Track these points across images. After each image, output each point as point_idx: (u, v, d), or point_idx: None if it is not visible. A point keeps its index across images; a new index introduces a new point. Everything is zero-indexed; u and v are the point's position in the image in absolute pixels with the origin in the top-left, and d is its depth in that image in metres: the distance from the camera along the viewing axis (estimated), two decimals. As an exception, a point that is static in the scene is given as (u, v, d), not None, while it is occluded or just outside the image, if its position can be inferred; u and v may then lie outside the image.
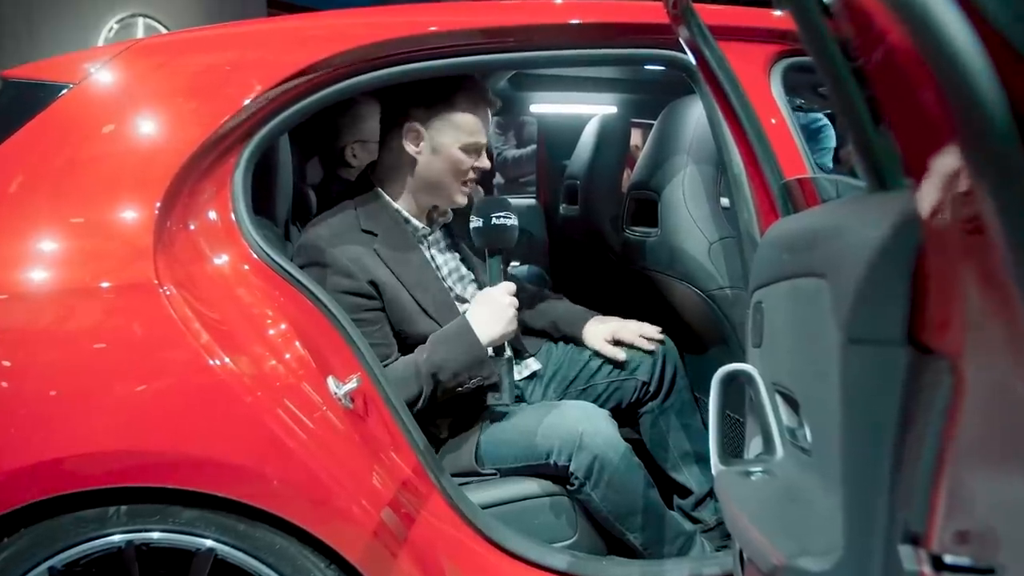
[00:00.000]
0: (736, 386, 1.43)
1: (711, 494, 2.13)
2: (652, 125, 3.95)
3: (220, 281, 1.53)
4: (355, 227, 1.88)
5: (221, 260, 1.55)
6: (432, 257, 2.01)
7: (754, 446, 1.50)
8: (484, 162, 1.95)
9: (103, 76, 1.62)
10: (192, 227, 1.55)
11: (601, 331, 2.12)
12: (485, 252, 1.87)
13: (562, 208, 3.37)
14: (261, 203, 1.82)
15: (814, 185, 1.53)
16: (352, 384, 1.51)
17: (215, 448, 1.40)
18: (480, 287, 2.04)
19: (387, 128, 1.96)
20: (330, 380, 1.49)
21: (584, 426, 1.79)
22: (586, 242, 3.07)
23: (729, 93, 1.50)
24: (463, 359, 1.78)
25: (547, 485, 1.84)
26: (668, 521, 1.88)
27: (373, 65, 1.67)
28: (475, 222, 1.83)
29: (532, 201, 4.10)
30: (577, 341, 2.16)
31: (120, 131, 1.59)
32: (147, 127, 1.60)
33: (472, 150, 1.92)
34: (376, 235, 1.88)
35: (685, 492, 2.14)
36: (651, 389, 2.12)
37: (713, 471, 1.30)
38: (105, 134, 1.57)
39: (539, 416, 1.86)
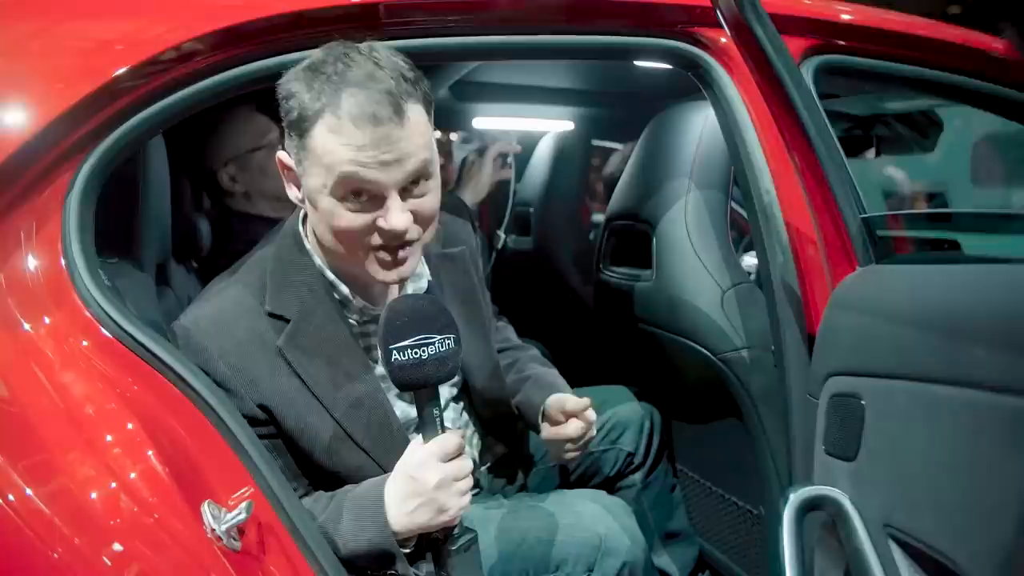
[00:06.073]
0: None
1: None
2: (613, 149, 3.63)
3: (35, 361, 1.02)
4: (255, 308, 1.26)
5: (40, 329, 1.04)
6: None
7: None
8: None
9: None
10: (-5, 279, 1.04)
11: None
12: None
13: (510, 239, 2.95)
14: (120, 238, 1.35)
15: (902, 223, 1.10)
16: (240, 514, 1.01)
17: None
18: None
19: None
20: (206, 508, 1.01)
21: (604, 525, 1.43)
22: (541, 281, 2.66)
23: (789, 88, 1.06)
24: (362, 545, 1.18)
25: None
26: None
27: (282, 46, 1.24)
28: (394, 354, 1.11)
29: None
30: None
31: None
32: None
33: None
34: (287, 321, 1.27)
35: (662, 576, 1.91)
36: (635, 461, 1.84)
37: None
38: None
39: (536, 519, 1.43)
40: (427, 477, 1.14)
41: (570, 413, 1.48)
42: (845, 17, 1.50)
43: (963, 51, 1.60)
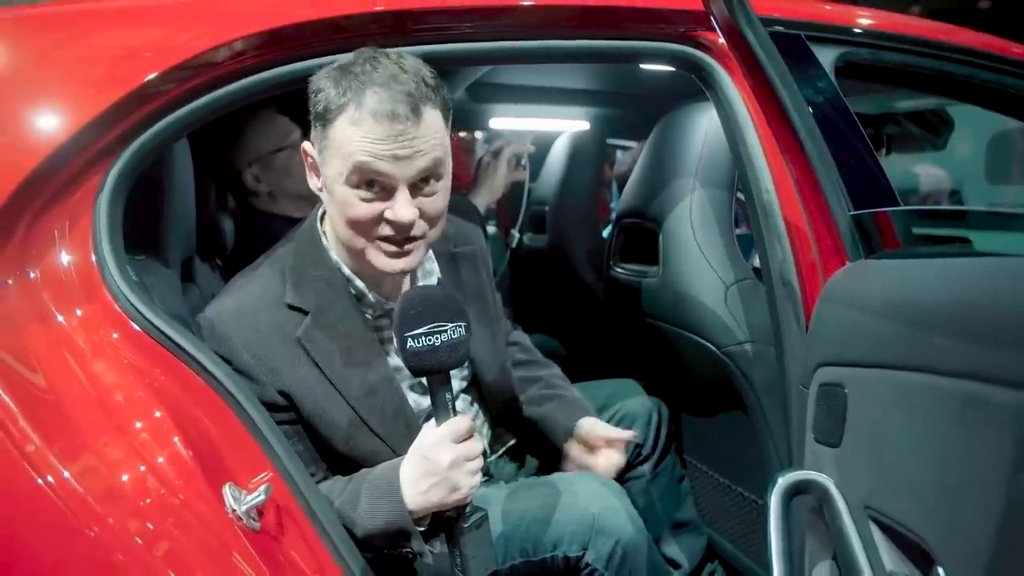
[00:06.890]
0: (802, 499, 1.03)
1: (700, 569, 1.97)
2: (625, 147, 3.66)
3: (68, 352, 1.09)
4: (276, 301, 1.34)
5: (73, 322, 1.10)
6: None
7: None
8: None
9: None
10: (32, 275, 1.12)
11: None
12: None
13: (526, 237, 2.99)
14: (146, 237, 1.42)
15: (892, 221, 1.14)
16: (259, 495, 1.07)
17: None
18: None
19: None
20: (227, 490, 1.07)
21: (599, 504, 1.45)
22: (555, 277, 2.70)
23: (780, 91, 1.10)
24: (379, 524, 1.25)
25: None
26: None
27: (300, 53, 1.29)
28: (409, 341, 1.16)
29: (492, 229, 3.67)
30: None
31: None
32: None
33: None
34: (306, 313, 1.34)
35: (671, 565, 1.93)
36: (643, 452, 1.87)
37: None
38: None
39: (535, 499, 1.48)
40: (441, 457, 1.20)
41: (609, 439, 1.58)
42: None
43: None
